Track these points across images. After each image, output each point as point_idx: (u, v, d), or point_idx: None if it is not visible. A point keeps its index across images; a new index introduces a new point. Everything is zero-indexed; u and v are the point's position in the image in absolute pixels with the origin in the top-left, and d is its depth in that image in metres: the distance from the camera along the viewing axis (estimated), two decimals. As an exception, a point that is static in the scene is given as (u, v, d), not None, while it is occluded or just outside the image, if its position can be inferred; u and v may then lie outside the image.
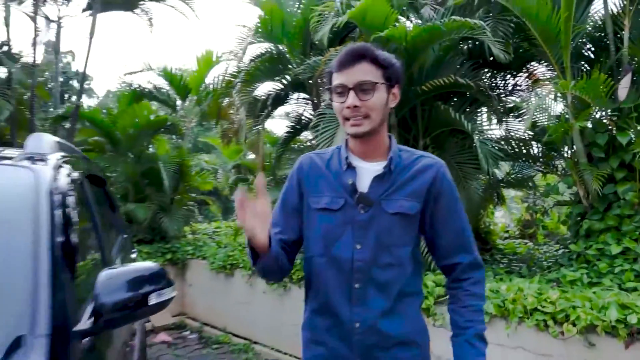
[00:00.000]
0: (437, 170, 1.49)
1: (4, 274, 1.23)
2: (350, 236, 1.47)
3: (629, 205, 3.60)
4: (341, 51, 1.50)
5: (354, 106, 1.40)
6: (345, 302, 1.47)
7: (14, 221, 1.37)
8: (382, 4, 3.97)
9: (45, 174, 1.61)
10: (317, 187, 1.54)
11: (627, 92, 3.60)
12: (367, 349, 1.47)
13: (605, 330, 2.66)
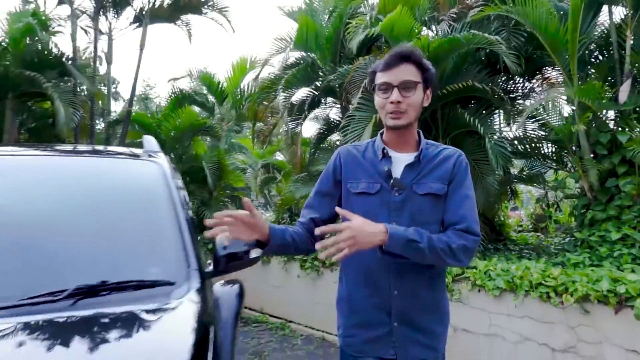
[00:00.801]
0: (457, 158, 1.71)
1: (163, 233, 1.80)
2: (387, 216, 1.63)
3: (629, 197, 4.03)
4: (386, 55, 1.71)
5: (397, 102, 1.60)
6: (384, 274, 1.63)
7: (158, 198, 1.94)
8: (407, 18, 4.49)
9: (164, 165, 2.20)
10: (354, 174, 1.72)
11: (628, 96, 4.03)
12: (403, 314, 1.63)
13: (598, 299, 3.11)
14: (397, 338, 1.62)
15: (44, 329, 1.30)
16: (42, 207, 1.74)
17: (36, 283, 1.45)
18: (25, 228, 1.63)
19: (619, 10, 4.36)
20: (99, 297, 1.46)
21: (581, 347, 3.25)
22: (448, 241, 1.57)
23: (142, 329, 1.37)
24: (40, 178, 1.90)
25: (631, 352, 3.00)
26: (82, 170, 2.05)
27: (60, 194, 1.82)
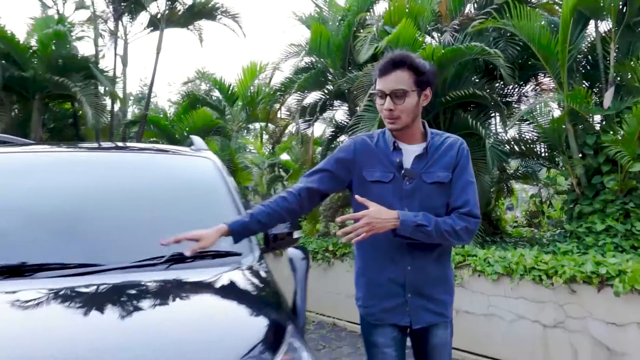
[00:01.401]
0: (459, 146, 1.90)
1: (227, 215, 2.19)
2: (399, 202, 1.81)
3: (612, 192, 4.49)
4: (382, 59, 1.84)
5: (389, 110, 1.76)
6: (398, 252, 1.83)
7: (216, 189, 2.35)
8: (411, 30, 4.92)
9: (216, 160, 2.61)
10: (370, 163, 1.88)
11: (611, 102, 4.48)
12: (415, 286, 1.84)
13: (583, 280, 3.56)
14: (411, 307, 1.85)
15: (163, 283, 1.69)
16: (137, 194, 2.15)
17: (143, 251, 1.84)
18: (128, 210, 2.04)
19: (604, 25, 4.82)
20: (187, 262, 1.87)
21: (569, 322, 3.69)
22: (452, 224, 1.77)
23: (230, 282, 1.78)
24: (127, 170, 2.31)
25: (611, 324, 3.45)
26: (157, 164, 2.48)
27: (147, 184, 2.24)
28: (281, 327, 1.47)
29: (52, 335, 1.31)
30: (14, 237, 1.79)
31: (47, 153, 2.53)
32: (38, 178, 2.13)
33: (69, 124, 7.41)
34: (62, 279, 1.62)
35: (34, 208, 1.93)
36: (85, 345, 1.26)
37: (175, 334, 1.38)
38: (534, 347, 3.89)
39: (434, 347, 1.87)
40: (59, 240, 1.82)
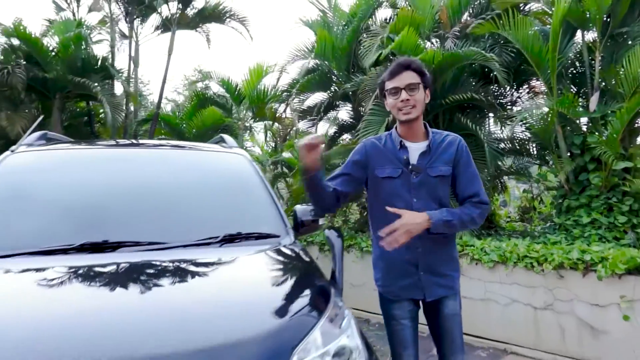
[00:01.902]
0: (458, 143, 2.17)
1: (266, 204, 2.53)
2: (408, 194, 2.11)
3: (597, 188, 4.88)
4: (390, 65, 2.14)
5: (406, 100, 2.04)
6: (411, 237, 2.01)
7: (253, 181, 2.69)
8: (413, 38, 5.28)
9: (247, 156, 2.96)
10: (380, 162, 2.16)
11: (597, 105, 4.87)
12: (427, 266, 2.11)
13: (570, 266, 3.93)
14: (424, 283, 2.13)
15: (214, 266, 2.02)
16: (190, 185, 2.49)
17: (199, 232, 2.18)
18: (184, 198, 2.38)
19: (591, 35, 5.20)
20: (236, 242, 2.21)
21: (557, 304, 4.06)
22: (470, 213, 2.08)
23: (277, 256, 2.12)
24: (180, 164, 2.66)
25: (595, 305, 3.83)
26: (202, 159, 2.82)
27: (197, 175, 2.59)
28: (326, 289, 1.81)
29: (133, 290, 1.65)
30: (96, 221, 2.12)
31: (110, 149, 2.87)
32: (109, 171, 2.47)
33: (84, 122, 7.69)
34: (137, 254, 1.95)
35: (110, 197, 2.27)
36: (166, 292, 1.61)
37: (242, 291, 1.73)
38: (526, 328, 4.26)
39: (446, 316, 2.16)
40: (131, 223, 2.15)
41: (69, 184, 2.37)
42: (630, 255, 3.64)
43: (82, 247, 1.93)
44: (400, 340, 2.20)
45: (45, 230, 2.05)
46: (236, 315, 1.50)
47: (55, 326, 1.39)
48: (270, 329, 1.44)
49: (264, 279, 1.85)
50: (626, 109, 4.41)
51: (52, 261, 1.81)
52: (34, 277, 1.71)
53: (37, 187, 2.32)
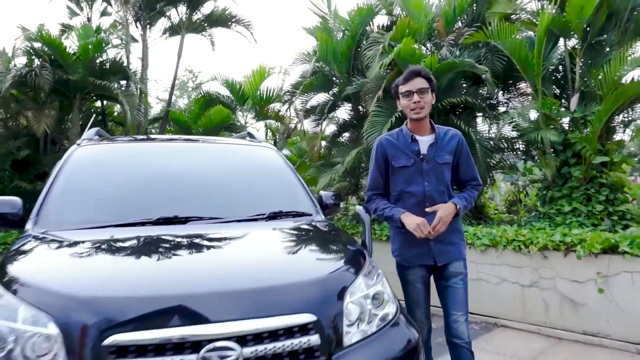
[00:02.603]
0: (459, 137, 2.63)
1: (299, 188, 2.97)
2: (421, 179, 2.53)
3: (577, 180, 5.39)
4: (405, 71, 2.58)
5: (417, 102, 2.47)
6: (421, 213, 2.48)
7: (285, 169, 3.12)
8: (410, 46, 5.73)
9: (275, 149, 3.39)
10: (395, 155, 2.57)
11: (577, 106, 5.39)
12: (436, 236, 2.48)
13: (553, 248, 4.43)
14: (434, 251, 2.54)
15: (268, 234, 2.44)
16: (237, 172, 2.92)
17: (249, 210, 2.60)
18: (234, 182, 2.81)
19: (572, 42, 5.73)
20: (277, 218, 2.63)
21: (542, 282, 4.56)
22: (473, 195, 2.62)
23: (315, 228, 2.54)
24: (225, 155, 3.10)
25: (574, 282, 4.33)
26: (241, 152, 3.25)
27: (239, 164, 3.02)
28: (362, 250, 2.26)
29: (189, 261, 1.96)
30: (165, 200, 2.54)
31: (160, 143, 3.29)
32: (167, 160, 2.89)
33: (99, 121, 8.04)
34: (202, 225, 2.37)
35: (172, 181, 2.69)
36: (216, 263, 1.95)
37: (299, 250, 2.16)
38: (514, 303, 4.75)
39: (452, 274, 2.57)
40: (194, 202, 2.57)
41: (136, 170, 2.79)
42: (605, 237, 4.14)
43: (157, 221, 2.34)
44: (414, 301, 2.62)
45: (126, 208, 2.46)
46: (302, 264, 1.95)
47: (152, 268, 1.81)
48: (331, 273, 1.89)
49: (312, 242, 2.29)
50: (603, 109, 4.93)
51: (138, 231, 2.22)
52: (129, 239, 2.11)
53: (111, 173, 2.73)
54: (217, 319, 1.54)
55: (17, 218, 2.49)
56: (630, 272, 4.00)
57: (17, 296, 1.60)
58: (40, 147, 7.15)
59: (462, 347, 2.48)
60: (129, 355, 1.44)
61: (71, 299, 1.56)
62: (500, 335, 4.51)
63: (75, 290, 1.60)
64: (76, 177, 2.67)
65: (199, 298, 1.59)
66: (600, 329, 4.16)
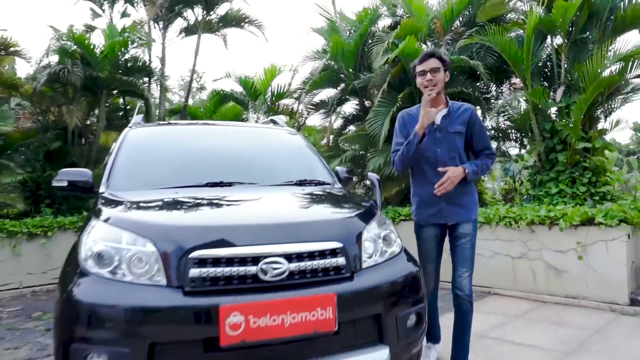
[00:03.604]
0: (471, 110, 2.88)
1: (320, 163, 3.50)
2: (434, 146, 2.83)
3: (563, 165, 5.91)
4: (420, 54, 2.86)
5: (430, 80, 2.73)
6: (435, 176, 2.77)
7: (307, 148, 3.64)
8: (413, 44, 6.25)
9: (298, 133, 3.93)
10: (413, 125, 2.81)
11: (562, 97, 5.91)
12: (448, 198, 2.79)
13: (539, 222, 4.94)
14: (446, 212, 2.85)
15: (299, 193, 2.95)
16: (271, 149, 3.45)
17: (281, 178, 3.13)
18: (269, 157, 3.34)
19: (558, 39, 6.25)
20: (303, 184, 3.15)
21: (530, 253, 5.07)
22: (486, 163, 2.87)
23: (335, 191, 3.05)
24: (260, 136, 3.65)
25: (558, 252, 4.84)
26: (273, 134, 3.79)
27: (272, 144, 3.56)
28: (374, 205, 2.78)
29: (243, 206, 2.54)
30: (211, 169, 3.06)
31: (198, 126, 3.83)
32: (207, 139, 3.43)
33: (120, 116, 8.58)
34: (244, 187, 2.90)
35: (215, 155, 3.23)
36: (261, 208, 2.50)
37: (325, 202, 2.70)
38: (505, 274, 5.27)
39: (460, 234, 2.87)
40: (234, 171, 3.10)
41: (182, 145, 3.32)
42: (583, 210, 4.67)
43: (206, 184, 2.87)
44: (425, 256, 2.96)
45: (179, 174, 2.99)
46: (330, 209, 2.50)
47: (220, 208, 2.41)
48: (353, 216, 2.42)
49: (335, 198, 2.82)
50: (583, 99, 5.44)
51: (193, 191, 2.74)
52: (191, 193, 2.64)
53: (161, 148, 3.27)
54: (271, 242, 2.07)
55: (88, 185, 3.02)
56: (605, 241, 4.52)
57: (119, 227, 2.13)
58: (68, 140, 7.67)
59: (464, 298, 2.82)
60: (207, 266, 1.96)
61: (164, 227, 2.09)
62: (494, 301, 5.03)
63: (167, 220, 2.13)
64: (133, 152, 3.20)
65: (259, 227, 2.13)
66: (580, 292, 4.68)
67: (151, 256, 1.99)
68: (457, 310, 2.90)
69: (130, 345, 1.84)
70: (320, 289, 2.05)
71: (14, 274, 6.13)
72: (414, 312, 2.33)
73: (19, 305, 5.51)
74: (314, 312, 1.98)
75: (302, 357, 2.03)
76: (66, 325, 1.93)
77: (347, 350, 2.12)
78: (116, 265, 2.01)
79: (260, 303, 1.91)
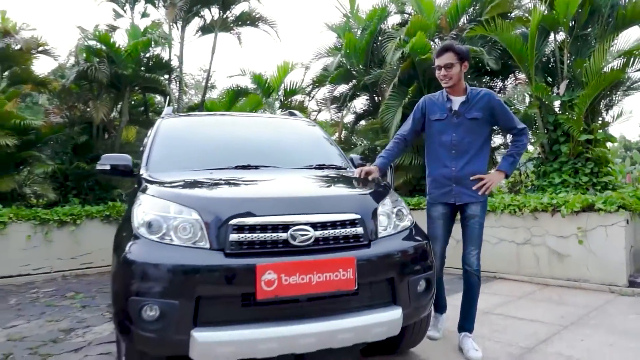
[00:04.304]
0: (489, 95, 2.97)
1: (336, 149, 3.79)
2: (451, 131, 2.99)
3: (566, 156, 6.13)
4: (437, 48, 3.05)
5: (444, 75, 2.94)
6: (448, 159, 2.99)
7: (324, 138, 3.92)
8: (422, 41, 6.49)
9: (315, 122, 4.21)
10: (432, 110, 3.06)
11: (565, 91, 6.12)
12: (458, 180, 2.98)
13: (542, 209, 5.17)
14: (455, 192, 3.03)
15: (320, 174, 3.23)
16: (292, 137, 3.74)
17: (301, 162, 3.40)
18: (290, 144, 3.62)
19: (561, 35, 6.45)
20: (322, 168, 3.41)
21: (533, 239, 5.30)
22: (520, 145, 3.02)
23: (351, 174, 3.32)
24: (282, 125, 3.95)
25: (560, 237, 5.07)
26: (289, 123, 4.07)
27: (292, 132, 3.84)
28: (388, 185, 3.05)
29: (272, 184, 2.80)
30: (239, 154, 3.34)
31: (225, 117, 4.13)
32: (235, 127, 3.73)
33: (140, 112, 8.93)
34: (270, 169, 3.18)
35: (242, 141, 3.51)
36: (288, 185, 2.78)
37: (344, 182, 2.96)
38: (510, 259, 5.50)
39: (468, 215, 3.05)
40: (261, 155, 3.38)
41: (211, 133, 3.62)
42: (584, 197, 4.89)
43: (236, 167, 3.16)
44: (433, 235, 3.13)
45: (210, 158, 3.27)
46: (349, 186, 2.78)
47: (253, 184, 2.69)
48: (369, 193, 2.69)
49: (352, 179, 3.08)
50: (586, 93, 5.65)
51: (225, 172, 3.02)
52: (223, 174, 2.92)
53: (193, 135, 3.56)
54: (299, 212, 2.34)
55: (128, 169, 3.33)
56: (604, 226, 4.74)
57: (166, 199, 2.42)
58: (92, 134, 8.02)
59: (472, 272, 3.05)
60: (244, 232, 2.24)
61: (207, 199, 2.38)
62: (498, 284, 5.27)
63: (208, 193, 2.43)
64: (168, 139, 3.49)
65: (289, 200, 2.41)
66: (581, 275, 4.91)
67: (196, 224, 2.27)
68: (465, 283, 3.12)
69: (179, 299, 2.12)
70: (342, 253, 2.32)
71: (46, 258, 6.48)
72: (423, 278, 2.59)
73: (52, 287, 5.86)
74: (336, 272, 2.25)
75: (326, 313, 2.30)
76: (125, 282, 2.21)
77: (365, 308, 2.38)
78: (164, 232, 2.29)
79: (291, 263, 2.19)
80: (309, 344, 2.27)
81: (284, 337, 2.19)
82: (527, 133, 3.07)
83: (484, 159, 3.07)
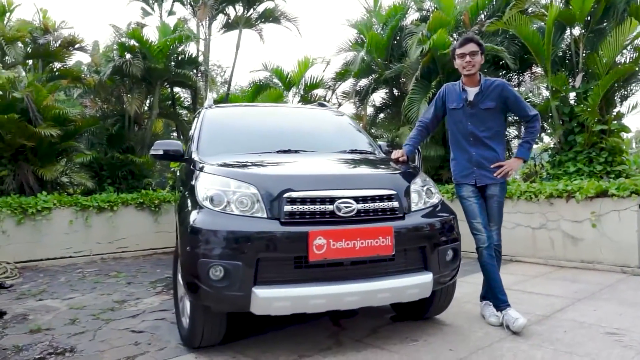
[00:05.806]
0: (502, 85, 3.20)
1: (365, 136, 4.10)
2: (466, 120, 3.24)
3: (581, 146, 6.35)
4: (460, 39, 3.27)
5: (469, 62, 3.15)
6: (467, 145, 3.25)
7: (354, 127, 4.23)
8: (444, 36, 6.75)
9: (345, 113, 4.52)
10: (451, 98, 3.31)
11: (580, 84, 6.33)
12: (478, 163, 3.21)
13: (557, 195, 5.42)
14: (476, 174, 3.26)
15: (355, 157, 3.53)
16: (325, 126, 4.05)
17: (335, 147, 3.72)
18: (324, 131, 3.94)
19: (577, 30, 6.66)
20: (355, 153, 3.72)
21: (549, 224, 5.55)
22: (533, 132, 3.25)
23: (382, 157, 3.62)
24: (316, 115, 4.26)
25: (575, 222, 5.31)
26: (323, 113, 4.39)
27: (325, 121, 4.16)
28: (417, 167, 3.36)
29: (315, 164, 3.10)
30: (280, 140, 3.66)
31: (263, 108, 4.46)
32: (274, 117, 4.06)
33: (168, 105, 9.33)
34: (309, 154, 3.49)
35: (282, 129, 3.84)
36: (329, 165, 3.08)
37: (378, 164, 3.27)
38: (526, 243, 5.75)
39: (488, 196, 3.30)
40: (300, 141, 3.71)
41: (253, 121, 3.95)
42: (598, 184, 5.13)
43: (277, 152, 3.49)
44: (471, 213, 3.28)
45: (254, 143, 3.59)
46: (384, 167, 3.09)
47: (301, 164, 3.03)
48: (402, 172, 3.00)
49: (385, 161, 3.39)
50: (600, 85, 5.87)
51: (269, 156, 3.35)
52: (270, 157, 3.25)
53: (236, 123, 3.90)
54: (343, 187, 2.66)
55: (178, 154, 3.67)
56: (617, 211, 4.97)
57: (226, 176, 2.75)
58: (125, 126, 8.44)
59: (493, 247, 3.27)
60: (297, 204, 2.56)
61: (263, 175, 2.71)
62: (515, 266, 5.53)
63: (263, 171, 2.76)
64: (213, 126, 3.83)
65: (333, 176, 2.75)
66: (595, 258, 5.16)
67: (253, 197, 2.60)
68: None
69: (242, 260, 2.45)
70: (381, 223, 2.64)
71: (85, 242, 6.91)
72: (450, 248, 2.89)
73: (94, 268, 6.27)
74: (377, 239, 2.56)
75: (367, 275, 2.62)
76: (194, 246, 2.54)
77: (400, 273, 2.69)
78: (225, 204, 2.62)
79: (338, 230, 2.50)
80: (352, 302, 2.59)
81: (331, 294, 2.52)
82: (539, 119, 3.30)
83: (501, 145, 3.30)
